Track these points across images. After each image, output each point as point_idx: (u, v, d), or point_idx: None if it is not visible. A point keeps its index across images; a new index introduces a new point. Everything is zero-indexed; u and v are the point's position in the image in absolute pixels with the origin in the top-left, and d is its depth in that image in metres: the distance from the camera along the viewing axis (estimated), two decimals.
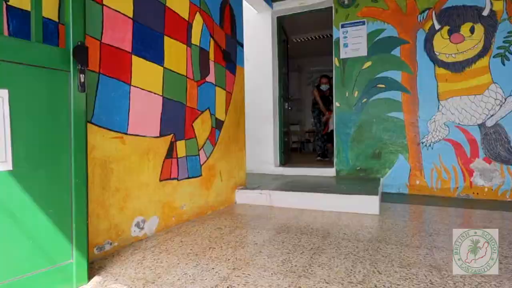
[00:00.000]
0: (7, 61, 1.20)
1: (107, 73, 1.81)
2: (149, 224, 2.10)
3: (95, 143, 1.72)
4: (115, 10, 1.86)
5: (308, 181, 3.79)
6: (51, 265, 1.31)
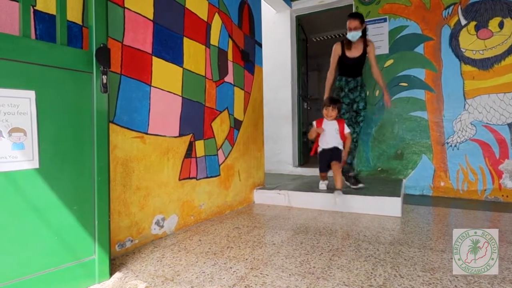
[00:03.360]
0: (34, 64, 1.25)
1: (128, 74, 1.86)
2: (169, 223, 2.13)
3: (117, 142, 1.76)
4: (136, 12, 1.90)
5: None
6: (75, 260, 1.35)
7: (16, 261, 1.19)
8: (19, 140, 1.21)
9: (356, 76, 3.22)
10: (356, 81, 3.23)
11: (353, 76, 3.22)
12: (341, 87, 3.24)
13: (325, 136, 2.90)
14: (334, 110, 2.87)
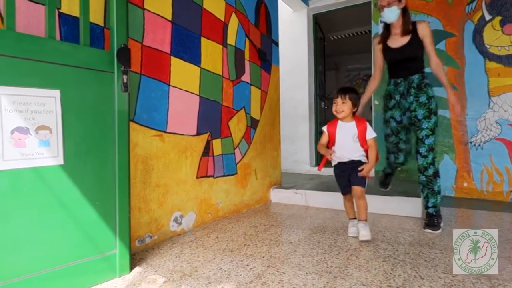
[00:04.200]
0: (59, 64, 1.30)
1: (148, 73, 1.90)
2: (187, 220, 2.17)
3: (137, 140, 1.81)
4: (155, 13, 1.94)
5: None
6: (97, 254, 1.40)
7: (45, 252, 1.24)
8: (45, 137, 1.26)
9: (408, 75, 2.22)
10: (409, 82, 2.21)
11: (403, 76, 2.25)
12: (390, 93, 2.32)
13: (339, 145, 2.04)
14: (344, 102, 1.98)
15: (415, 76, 2.22)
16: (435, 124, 2.16)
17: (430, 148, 2.14)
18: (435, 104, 2.17)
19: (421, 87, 2.19)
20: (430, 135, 2.14)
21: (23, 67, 1.20)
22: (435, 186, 2.18)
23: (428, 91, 2.18)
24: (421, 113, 2.17)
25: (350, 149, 2.03)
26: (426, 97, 2.17)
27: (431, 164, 2.15)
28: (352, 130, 2.02)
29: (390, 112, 2.33)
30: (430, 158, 2.14)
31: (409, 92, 2.23)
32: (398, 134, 2.32)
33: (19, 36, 1.20)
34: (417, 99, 2.19)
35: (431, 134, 2.14)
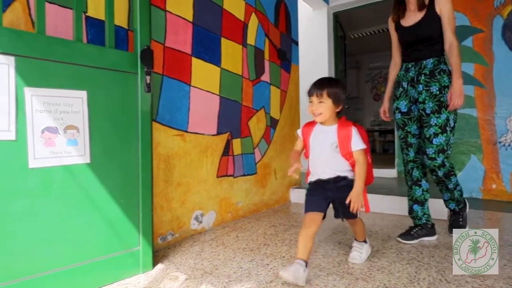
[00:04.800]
0: (85, 66, 1.35)
1: (170, 74, 1.93)
2: (207, 218, 2.19)
3: (160, 140, 1.84)
4: (176, 15, 1.97)
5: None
6: (122, 250, 1.44)
7: (73, 247, 1.29)
8: (73, 136, 1.31)
9: (420, 59, 1.87)
10: (419, 67, 1.87)
11: (414, 59, 1.90)
12: (399, 80, 1.99)
13: (315, 155, 1.54)
14: (321, 101, 1.44)
15: (429, 60, 1.85)
16: (446, 120, 1.79)
17: (439, 150, 1.80)
18: None
19: (434, 73, 1.82)
20: (439, 134, 1.79)
21: (53, 69, 1.25)
22: (449, 184, 1.94)
23: (442, 80, 1.81)
24: (429, 107, 1.82)
25: (330, 162, 1.49)
26: (439, 86, 1.80)
27: (441, 166, 1.84)
28: (331, 137, 1.48)
29: (396, 102, 2.00)
30: (440, 160, 1.81)
31: (418, 80, 1.87)
32: (404, 127, 1.97)
33: (49, 39, 1.25)
34: (427, 88, 1.83)
35: (441, 132, 1.78)
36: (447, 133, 1.80)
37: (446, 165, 1.85)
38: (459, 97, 1.74)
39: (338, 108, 1.49)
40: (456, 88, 1.74)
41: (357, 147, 1.45)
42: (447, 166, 1.86)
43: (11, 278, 1.13)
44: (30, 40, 1.20)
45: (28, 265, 1.18)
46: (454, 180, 1.94)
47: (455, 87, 1.74)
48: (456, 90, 1.74)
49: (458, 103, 1.74)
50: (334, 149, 1.47)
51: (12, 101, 1.15)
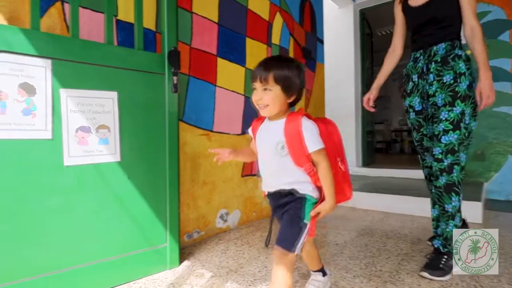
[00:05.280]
0: (116, 67, 1.40)
1: (196, 75, 1.97)
2: (232, 217, 2.21)
3: (186, 139, 1.88)
4: (202, 16, 2.00)
5: (394, 183, 3.51)
6: (150, 246, 1.48)
7: (104, 243, 1.34)
8: (104, 136, 1.36)
9: (431, 44, 1.57)
10: (429, 55, 1.58)
11: (422, 46, 1.62)
12: (408, 73, 1.72)
13: (261, 161, 1.16)
14: (266, 88, 1.05)
15: (441, 45, 1.54)
16: (461, 115, 1.46)
17: (448, 149, 1.47)
18: (467, 86, 1.47)
19: (447, 60, 1.51)
20: (450, 131, 1.46)
21: (86, 71, 1.31)
22: (447, 204, 1.49)
23: (457, 66, 1.49)
24: (441, 98, 1.51)
25: (275, 169, 1.08)
26: (453, 75, 1.49)
27: (446, 171, 1.47)
28: (276, 135, 1.06)
29: (408, 100, 1.70)
30: (446, 162, 1.47)
31: (428, 69, 1.57)
32: (420, 129, 1.67)
33: (82, 42, 1.31)
34: (439, 78, 1.52)
35: (452, 129, 1.46)
36: (460, 131, 1.46)
37: (454, 173, 1.46)
38: (491, 92, 1.43)
39: (290, 98, 1.07)
40: (485, 82, 1.43)
41: (314, 146, 1.02)
42: (454, 174, 1.46)
43: (47, 270, 1.20)
44: (65, 43, 1.26)
45: (63, 259, 1.24)
46: (455, 201, 1.48)
47: (484, 81, 1.43)
48: (486, 84, 1.43)
49: (490, 100, 1.43)
50: (280, 151, 1.04)
51: (48, 102, 1.21)
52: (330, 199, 1.05)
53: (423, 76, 1.61)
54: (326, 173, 1.04)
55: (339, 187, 1.12)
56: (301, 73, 1.09)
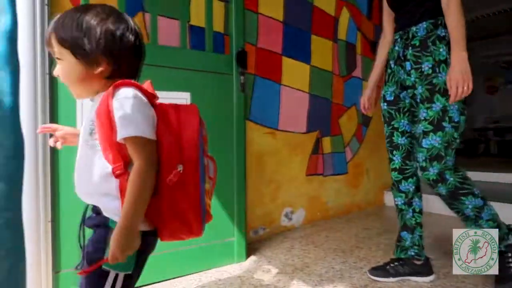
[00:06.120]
0: (189, 69, 1.49)
1: (261, 74, 2.00)
2: (297, 216, 2.20)
3: (252, 137, 1.93)
4: (268, 16, 2.03)
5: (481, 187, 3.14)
6: (219, 239, 1.55)
7: None
8: None
9: (410, 24, 1.31)
10: (407, 37, 1.31)
11: (402, 27, 1.36)
12: (388, 60, 1.46)
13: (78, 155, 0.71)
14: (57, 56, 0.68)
15: (421, 25, 1.26)
16: (442, 112, 1.20)
17: (431, 156, 1.23)
18: None
19: (426, 44, 1.24)
20: (430, 132, 1.22)
21: (163, 73, 1.42)
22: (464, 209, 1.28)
23: (437, 52, 1.21)
24: (419, 92, 1.26)
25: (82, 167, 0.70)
26: (432, 62, 1.22)
27: (438, 180, 1.24)
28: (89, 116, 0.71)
29: (384, 88, 1.46)
30: (433, 172, 1.23)
31: (405, 55, 1.31)
32: (391, 121, 1.42)
33: (160, 48, 1.43)
34: (417, 66, 1.26)
35: (433, 130, 1.21)
36: (443, 131, 1.20)
37: (448, 179, 1.23)
38: (462, 80, 1.11)
39: (96, 69, 0.68)
40: (456, 67, 1.13)
41: (123, 132, 0.62)
42: (450, 181, 1.23)
43: None
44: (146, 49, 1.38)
45: None
46: (471, 202, 1.26)
47: (455, 65, 1.13)
48: (456, 70, 1.12)
49: (462, 89, 1.12)
50: (87, 138, 0.69)
51: None
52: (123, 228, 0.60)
53: (400, 62, 1.35)
54: (134, 179, 0.62)
55: (175, 211, 0.67)
56: (107, 25, 0.67)
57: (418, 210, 1.47)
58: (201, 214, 0.70)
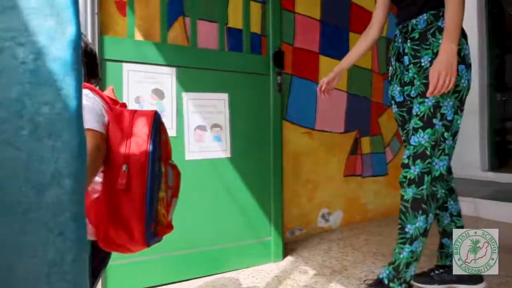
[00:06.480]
0: (227, 71, 1.52)
1: (298, 74, 1.99)
2: (334, 217, 2.16)
3: (289, 137, 1.92)
4: (305, 15, 2.02)
5: None
6: (256, 239, 1.56)
7: (217, 232, 1.48)
8: (217, 134, 1.49)
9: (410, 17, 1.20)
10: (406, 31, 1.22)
11: (403, 20, 1.26)
12: (390, 56, 1.36)
13: None
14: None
15: (421, 17, 1.16)
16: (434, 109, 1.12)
17: (417, 154, 1.13)
18: None
19: (425, 36, 1.14)
20: (419, 129, 1.13)
21: (202, 75, 1.47)
22: (410, 225, 1.17)
23: (436, 44, 1.12)
24: (415, 87, 1.17)
25: None
26: (431, 56, 1.12)
27: (416, 182, 1.14)
28: None
29: (390, 89, 1.35)
30: (414, 171, 1.14)
31: (404, 49, 1.22)
32: (404, 125, 1.32)
33: (200, 51, 1.47)
34: (416, 61, 1.17)
35: (422, 127, 1.13)
36: (432, 129, 1.12)
37: (424, 184, 1.12)
38: (445, 72, 1.02)
39: None
40: (441, 56, 1.04)
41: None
42: (424, 187, 1.12)
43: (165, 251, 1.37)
44: (186, 53, 1.44)
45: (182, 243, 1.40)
46: (420, 221, 1.15)
47: (442, 54, 1.04)
48: (440, 60, 1.04)
49: (443, 83, 1.03)
50: None
51: (174, 104, 1.40)
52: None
53: (399, 58, 1.25)
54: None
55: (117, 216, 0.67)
56: None
57: (456, 214, 1.37)
58: (145, 222, 0.67)
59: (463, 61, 1.14)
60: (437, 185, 1.15)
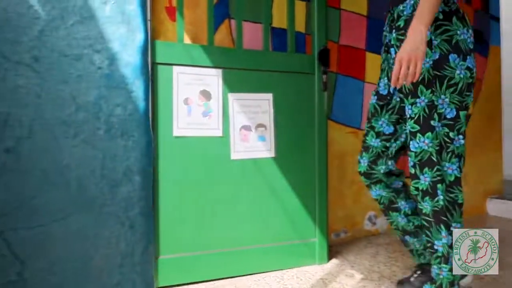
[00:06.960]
0: (271, 71, 1.53)
1: (344, 72, 1.94)
2: (381, 221, 2.07)
3: (334, 137, 1.88)
4: (350, 11, 1.96)
5: None
6: (300, 239, 1.55)
7: (261, 231, 1.49)
8: (262, 133, 1.50)
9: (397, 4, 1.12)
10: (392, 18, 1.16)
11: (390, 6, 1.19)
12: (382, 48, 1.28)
13: None
14: None
15: (408, 2, 1.07)
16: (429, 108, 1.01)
17: (422, 161, 1.03)
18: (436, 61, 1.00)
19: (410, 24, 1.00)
20: (417, 133, 1.03)
21: (247, 76, 1.48)
22: (437, 241, 1.07)
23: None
24: (405, 86, 1.05)
25: None
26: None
27: (428, 194, 1.04)
28: None
29: (378, 81, 1.26)
30: (424, 181, 1.04)
31: (390, 40, 1.14)
32: (372, 118, 1.23)
33: (245, 52, 1.49)
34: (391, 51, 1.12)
35: (420, 130, 1.02)
36: (433, 132, 1.01)
37: (438, 195, 1.02)
38: (408, 58, 0.91)
39: None
40: (408, 41, 0.93)
41: None
42: (439, 197, 1.02)
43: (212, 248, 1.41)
44: (231, 54, 1.47)
45: (228, 240, 1.43)
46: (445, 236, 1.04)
47: (408, 39, 0.93)
48: (406, 45, 0.93)
49: (405, 70, 0.92)
50: None
51: (220, 105, 1.43)
52: None
53: (386, 49, 1.17)
54: None
55: None
56: None
57: (411, 212, 1.26)
58: None
59: (455, 49, 1.00)
60: (455, 190, 1.06)
